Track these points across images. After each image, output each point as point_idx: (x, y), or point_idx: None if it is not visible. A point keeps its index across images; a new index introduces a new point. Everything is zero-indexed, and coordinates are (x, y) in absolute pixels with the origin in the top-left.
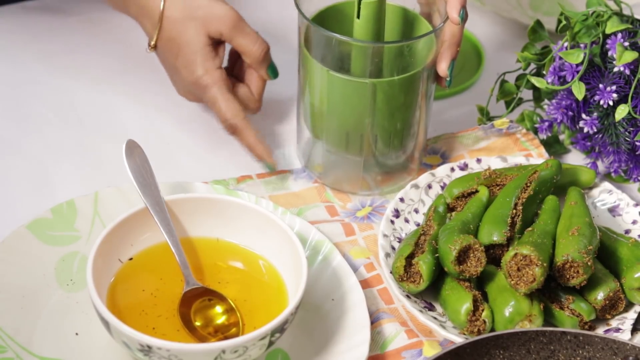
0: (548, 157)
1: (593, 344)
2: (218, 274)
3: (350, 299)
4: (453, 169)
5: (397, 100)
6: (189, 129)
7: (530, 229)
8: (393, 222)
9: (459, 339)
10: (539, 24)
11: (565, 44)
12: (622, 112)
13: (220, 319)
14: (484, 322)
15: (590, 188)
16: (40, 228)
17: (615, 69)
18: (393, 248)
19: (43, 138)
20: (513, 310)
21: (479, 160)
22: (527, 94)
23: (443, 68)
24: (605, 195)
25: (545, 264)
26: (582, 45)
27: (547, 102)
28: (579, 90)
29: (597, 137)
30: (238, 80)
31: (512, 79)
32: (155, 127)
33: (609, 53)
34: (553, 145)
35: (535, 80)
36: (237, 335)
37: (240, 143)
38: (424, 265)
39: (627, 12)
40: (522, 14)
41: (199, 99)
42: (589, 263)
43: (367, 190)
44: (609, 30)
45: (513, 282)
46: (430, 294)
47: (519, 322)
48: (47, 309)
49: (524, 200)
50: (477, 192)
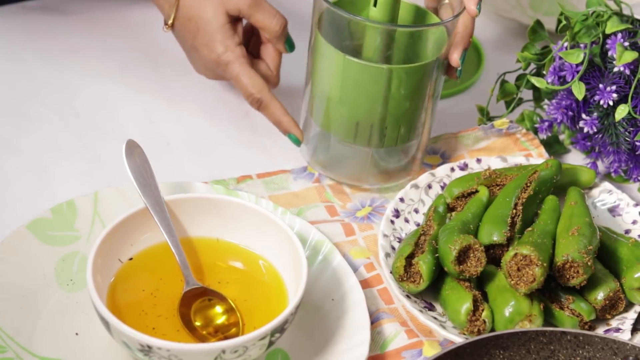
0: (548, 157)
1: (593, 344)
2: (218, 274)
3: (350, 299)
4: (453, 169)
5: (410, 89)
6: (189, 129)
7: (530, 229)
8: (393, 222)
9: (459, 339)
10: (539, 24)
11: (565, 44)
12: (622, 112)
13: (220, 319)
14: (484, 322)
15: (590, 188)
16: (40, 228)
17: (615, 69)
18: (393, 248)
19: (43, 138)
20: (513, 310)
21: (479, 160)
22: (527, 94)
23: (455, 58)
24: (605, 195)
25: (545, 264)
26: (582, 45)
27: (547, 102)
28: (579, 90)
29: (597, 137)
30: (253, 57)
31: (512, 79)
32: (155, 127)
33: (609, 53)
34: (553, 145)
35: (535, 80)
36: (237, 335)
37: (267, 117)
38: (424, 265)
39: (627, 12)
40: (522, 14)
41: (219, 77)
42: (589, 263)
43: (370, 184)
44: (609, 30)
45: (513, 282)
46: (430, 294)
47: (519, 322)
48: (47, 309)
49: (524, 200)
50: (477, 192)
